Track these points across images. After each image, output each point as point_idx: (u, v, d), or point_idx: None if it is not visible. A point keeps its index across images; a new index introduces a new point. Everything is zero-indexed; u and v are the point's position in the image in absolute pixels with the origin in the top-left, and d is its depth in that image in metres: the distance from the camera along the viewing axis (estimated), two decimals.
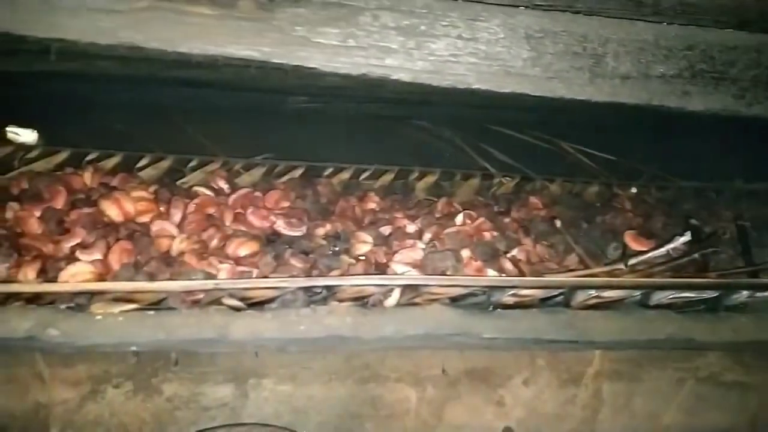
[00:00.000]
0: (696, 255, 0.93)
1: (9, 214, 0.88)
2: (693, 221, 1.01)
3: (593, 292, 0.77)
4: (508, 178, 1.23)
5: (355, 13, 0.58)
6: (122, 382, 1.48)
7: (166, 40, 0.56)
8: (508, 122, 1.28)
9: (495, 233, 0.95)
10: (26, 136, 1.31)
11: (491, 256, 0.88)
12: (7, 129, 1.30)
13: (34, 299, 0.72)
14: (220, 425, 1.26)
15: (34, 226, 0.84)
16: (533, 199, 1.12)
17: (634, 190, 1.26)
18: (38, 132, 1.31)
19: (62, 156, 1.14)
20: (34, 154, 1.15)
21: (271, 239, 0.93)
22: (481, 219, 0.95)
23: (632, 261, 0.91)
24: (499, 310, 0.76)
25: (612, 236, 1.00)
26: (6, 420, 1.45)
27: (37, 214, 0.86)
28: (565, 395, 1.55)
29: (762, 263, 1.00)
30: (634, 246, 0.98)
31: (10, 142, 1.24)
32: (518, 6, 0.60)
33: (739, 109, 0.68)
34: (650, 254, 0.92)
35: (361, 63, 0.59)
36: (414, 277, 0.75)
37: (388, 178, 1.20)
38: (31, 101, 1.28)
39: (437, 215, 1.03)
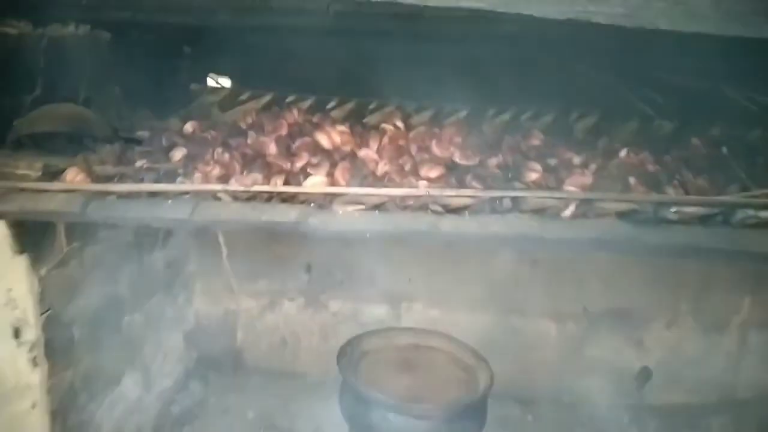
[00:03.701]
0: None
1: (250, 140, 1.17)
2: None
3: (752, 212, 0.90)
4: (666, 122, 1.35)
5: None
6: (296, 297, 1.82)
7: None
8: (670, 68, 1.37)
9: (657, 167, 1.09)
10: (223, 82, 1.64)
11: (655, 185, 1.03)
12: (209, 77, 1.64)
13: (288, 200, 0.99)
14: (389, 327, 1.53)
15: (273, 149, 1.13)
16: (695, 141, 1.24)
17: None
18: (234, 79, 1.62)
19: (267, 98, 1.43)
20: (245, 96, 1.45)
21: (450, 167, 1.15)
22: (645, 153, 1.10)
23: None
24: (663, 224, 0.92)
25: None
26: (204, 321, 1.84)
27: (273, 140, 1.14)
28: (708, 341, 1.65)
29: None
30: None
31: (220, 88, 1.57)
32: None
33: None
34: None
35: None
36: (592, 193, 0.93)
37: (548, 119, 1.37)
38: (230, 52, 1.58)
39: (600, 151, 1.19)
